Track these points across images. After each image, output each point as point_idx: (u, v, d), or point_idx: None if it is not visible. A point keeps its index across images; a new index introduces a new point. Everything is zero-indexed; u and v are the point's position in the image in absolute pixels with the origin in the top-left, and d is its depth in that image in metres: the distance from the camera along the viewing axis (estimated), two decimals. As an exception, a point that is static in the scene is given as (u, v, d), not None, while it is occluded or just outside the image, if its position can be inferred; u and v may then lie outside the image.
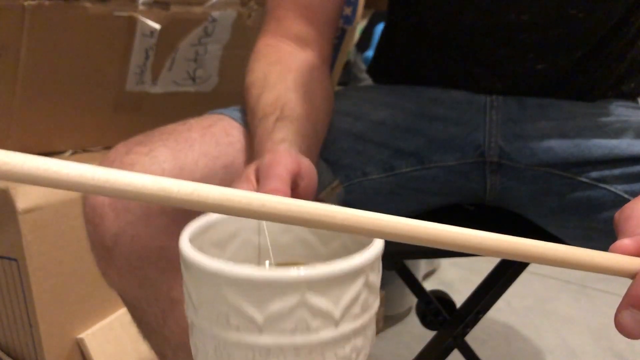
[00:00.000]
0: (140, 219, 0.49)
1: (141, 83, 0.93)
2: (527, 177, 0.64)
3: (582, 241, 0.64)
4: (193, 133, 0.54)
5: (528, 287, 1.55)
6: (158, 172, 0.49)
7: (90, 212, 0.51)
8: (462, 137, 0.64)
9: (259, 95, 0.53)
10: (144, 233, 0.49)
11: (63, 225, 0.82)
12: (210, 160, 0.52)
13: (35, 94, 0.86)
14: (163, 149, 0.51)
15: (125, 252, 0.50)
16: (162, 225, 0.50)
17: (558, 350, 1.28)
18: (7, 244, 0.80)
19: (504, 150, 0.64)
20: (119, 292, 0.55)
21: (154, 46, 0.90)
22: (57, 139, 0.93)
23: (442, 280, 1.59)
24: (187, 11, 0.89)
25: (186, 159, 0.51)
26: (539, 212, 0.66)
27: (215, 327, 0.32)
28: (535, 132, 0.63)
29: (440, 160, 0.65)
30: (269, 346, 0.32)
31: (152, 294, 0.52)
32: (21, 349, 0.86)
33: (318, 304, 0.31)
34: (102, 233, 0.50)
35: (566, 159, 0.62)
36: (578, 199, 0.62)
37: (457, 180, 0.66)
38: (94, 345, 0.86)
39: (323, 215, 0.30)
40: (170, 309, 0.53)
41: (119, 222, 0.49)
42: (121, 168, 0.49)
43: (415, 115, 0.65)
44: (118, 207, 0.49)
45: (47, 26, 0.80)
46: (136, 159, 0.50)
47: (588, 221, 0.63)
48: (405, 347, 1.26)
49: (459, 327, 0.84)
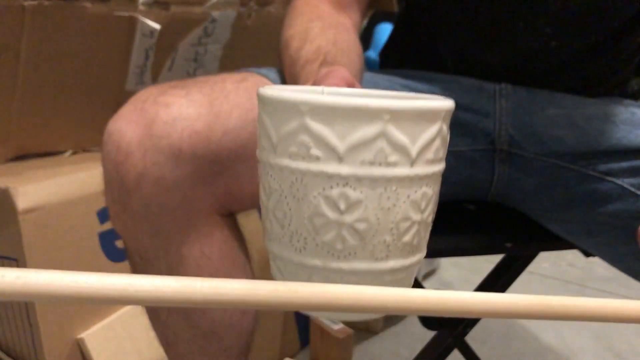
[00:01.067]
0: (169, 160, 0.47)
1: (141, 83, 0.93)
2: (534, 168, 0.64)
3: (583, 237, 0.65)
4: (227, 84, 0.53)
5: (528, 287, 1.55)
6: (194, 115, 0.48)
7: (114, 150, 0.48)
8: (474, 123, 0.64)
9: (300, 47, 0.53)
10: (170, 177, 0.48)
11: (63, 225, 0.82)
12: (244, 112, 0.51)
13: (35, 93, 0.86)
14: (199, 94, 0.50)
15: (146, 196, 0.48)
16: (189, 170, 0.48)
17: (558, 350, 1.28)
18: (7, 243, 0.80)
19: (514, 139, 0.64)
20: (127, 240, 0.53)
21: (154, 46, 0.90)
22: (57, 139, 0.93)
23: (442, 280, 1.59)
24: (187, 11, 0.89)
25: (221, 107, 0.50)
26: (542, 206, 0.66)
27: (295, 161, 0.34)
28: (544, 120, 0.63)
29: (451, 145, 0.65)
30: (347, 176, 0.33)
31: (163, 245, 0.51)
32: (21, 349, 0.86)
33: (397, 138, 0.33)
34: (125, 172, 0.48)
35: (575, 149, 0.62)
36: (584, 191, 0.63)
37: (466, 168, 0.66)
38: (94, 345, 0.86)
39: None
40: (177, 266, 0.52)
41: (145, 161, 0.47)
42: (155, 107, 0.48)
43: None
44: (146, 146, 0.47)
45: (47, 26, 0.81)
46: (173, 99, 0.49)
47: (592, 215, 0.63)
48: (406, 347, 1.26)
49: (459, 327, 0.84)
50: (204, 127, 0.49)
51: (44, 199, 0.80)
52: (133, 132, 0.48)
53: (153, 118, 0.48)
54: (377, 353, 1.25)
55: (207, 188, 0.50)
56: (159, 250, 0.51)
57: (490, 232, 0.69)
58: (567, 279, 1.60)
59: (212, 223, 0.52)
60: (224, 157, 0.50)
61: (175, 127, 0.48)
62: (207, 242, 0.52)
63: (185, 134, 0.48)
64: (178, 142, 0.47)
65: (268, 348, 1.10)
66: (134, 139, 0.47)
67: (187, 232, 0.51)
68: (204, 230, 0.51)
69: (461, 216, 0.71)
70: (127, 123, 0.48)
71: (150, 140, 0.47)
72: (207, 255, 0.52)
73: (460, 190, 0.69)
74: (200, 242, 0.52)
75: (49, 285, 0.24)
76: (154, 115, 0.48)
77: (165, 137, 0.47)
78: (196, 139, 0.48)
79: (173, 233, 0.50)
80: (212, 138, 0.49)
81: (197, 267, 0.52)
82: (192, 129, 0.48)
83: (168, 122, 0.48)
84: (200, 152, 0.48)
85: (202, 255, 0.52)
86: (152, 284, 0.25)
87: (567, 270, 1.65)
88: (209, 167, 0.49)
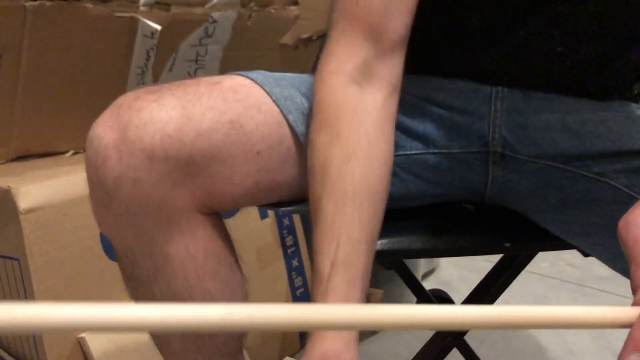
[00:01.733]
0: (144, 163, 0.49)
1: (142, 83, 0.94)
2: (528, 170, 0.64)
3: (580, 237, 0.65)
4: (201, 87, 0.54)
5: (527, 286, 1.56)
6: (165, 118, 0.50)
7: (94, 155, 0.50)
8: (468, 125, 0.64)
9: (319, 197, 0.51)
10: (146, 178, 0.49)
11: (65, 225, 0.82)
12: (217, 114, 0.52)
13: (37, 94, 0.86)
14: (171, 98, 0.51)
15: (125, 197, 0.50)
16: (164, 171, 0.50)
17: (556, 349, 1.28)
18: (8, 243, 0.80)
19: (507, 141, 0.64)
20: (114, 242, 0.55)
21: (155, 47, 0.90)
22: (58, 140, 0.93)
23: (441, 280, 1.60)
24: (188, 12, 0.90)
25: (194, 109, 0.51)
26: (538, 207, 0.67)
27: None
28: (539, 124, 0.63)
29: (445, 147, 0.65)
30: None
31: (147, 245, 0.52)
32: (22, 348, 0.86)
33: None
34: (104, 175, 0.50)
35: (568, 152, 0.62)
36: (578, 192, 0.63)
37: (459, 170, 0.66)
38: (95, 345, 0.86)
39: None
40: (163, 265, 0.53)
41: (121, 165, 0.49)
42: (129, 112, 0.50)
43: (423, 100, 0.65)
44: (122, 150, 0.49)
45: (49, 27, 0.81)
46: (144, 104, 0.50)
47: (587, 215, 0.63)
48: (405, 346, 1.27)
49: (458, 326, 0.85)
50: (176, 129, 0.50)
51: (46, 199, 0.80)
52: (110, 137, 0.50)
53: (127, 123, 0.49)
54: (376, 352, 1.25)
55: (185, 188, 0.51)
56: (144, 251, 0.53)
57: (489, 232, 0.69)
58: (566, 278, 1.61)
59: (194, 222, 0.53)
60: (199, 159, 0.51)
61: (147, 130, 0.49)
62: (191, 240, 0.53)
63: (157, 137, 0.49)
64: (150, 145, 0.49)
65: (268, 347, 1.10)
66: (111, 144, 0.49)
67: (170, 231, 0.52)
68: (186, 228, 0.53)
69: (460, 216, 0.71)
70: (105, 129, 0.50)
71: (125, 144, 0.49)
72: (192, 253, 0.53)
73: (456, 191, 0.69)
74: (185, 241, 0.53)
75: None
76: (127, 120, 0.50)
77: (138, 141, 0.49)
78: (168, 141, 0.49)
79: (156, 233, 0.52)
80: (184, 140, 0.50)
81: (182, 265, 0.53)
82: (164, 132, 0.49)
83: (140, 126, 0.49)
84: (173, 154, 0.50)
85: (187, 253, 0.53)
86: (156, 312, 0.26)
87: (566, 270, 1.65)
88: (184, 168, 0.50)
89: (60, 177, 0.83)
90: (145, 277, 0.54)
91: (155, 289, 0.54)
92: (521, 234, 0.69)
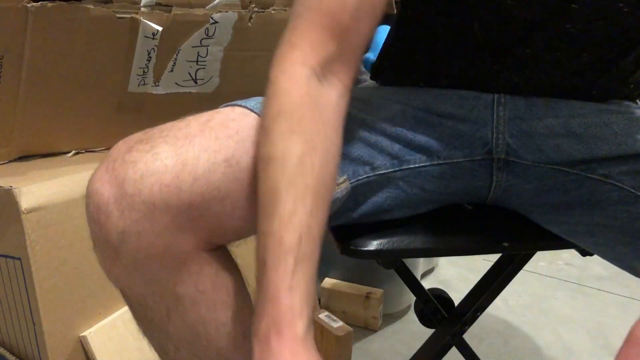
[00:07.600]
0: (146, 216, 0.49)
1: (143, 84, 0.94)
2: (532, 174, 0.64)
3: (584, 237, 0.65)
4: (192, 129, 0.53)
5: (525, 286, 1.56)
6: (161, 168, 0.50)
7: (95, 211, 0.50)
8: (471, 133, 0.64)
9: (277, 186, 0.50)
10: (149, 230, 0.50)
11: (66, 225, 0.83)
12: (211, 154, 0.52)
13: (38, 95, 0.86)
14: (164, 145, 0.51)
15: (131, 250, 0.50)
16: (166, 222, 0.50)
17: (554, 348, 1.29)
18: (10, 242, 0.80)
19: (511, 147, 0.64)
20: (123, 290, 0.56)
21: (156, 48, 0.90)
22: (60, 140, 0.93)
23: (440, 279, 1.60)
24: (189, 13, 0.90)
25: (187, 154, 0.51)
26: (541, 209, 0.67)
27: None
28: (542, 130, 0.63)
29: (448, 157, 0.65)
30: None
31: (158, 290, 0.53)
32: (24, 347, 0.86)
33: None
34: (108, 231, 0.50)
35: (573, 156, 0.62)
36: (583, 194, 0.63)
37: (463, 178, 0.66)
38: (97, 343, 0.87)
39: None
40: (175, 305, 0.53)
41: (124, 220, 0.49)
42: (124, 166, 0.50)
43: (424, 111, 0.65)
44: (122, 205, 0.49)
45: (50, 28, 0.81)
46: (138, 156, 0.50)
47: (592, 217, 0.63)
48: (404, 345, 1.27)
49: (457, 325, 0.85)
50: (172, 178, 0.50)
51: (47, 198, 0.80)
52: (109, 193, 0.50)
53: (124, 177, 0.49)
54: (376, 351, 1.26)
55: (188, 232, 0.51)
56: (155, 295, 0.53)
57: (488, 231, 0.70)
58: (564, 277, 1.61)
59: (200, 260, 0.53)
60: (199, 202, 0.51)
61: (144, 183, 0.49)
62: (199, 278, 0.53)
63: (155, 188, 0.49)
64: (149, 197, 0.49)
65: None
66: (111, 199, 0.49)
67: (178, 273, 0.52)
68: (194, 268, 0.53)
69: (459, 216, 0.71)
70: (102, 184, 0.50)
71: (125, 199, 0.49)
72: (201, 290, 0.54)
73: (459, 197, 0.69)
74: (193, 280, 0.53)
75: None
76: (123, 174, 0.50)
77: (137, 195, 0.49)
78: (167, 191, 0.49)
79: (164, 277, 0.52)
80: (182, 187, 0.50)
81: (193, 303, 0.54)
82: (162, 182, 0.49)
83: (137, 180, 0.49)
84: (173, 203, 0.50)
85: (196, 291, 0.54)
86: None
87: (564, 269, 1.66)
88: (185, 213, 0.50)
89: (62, 177, 0.84)
90: (159, 319, 0.55)
91: (170, 329, 0.55)
92: (520, 233, 0.69)
